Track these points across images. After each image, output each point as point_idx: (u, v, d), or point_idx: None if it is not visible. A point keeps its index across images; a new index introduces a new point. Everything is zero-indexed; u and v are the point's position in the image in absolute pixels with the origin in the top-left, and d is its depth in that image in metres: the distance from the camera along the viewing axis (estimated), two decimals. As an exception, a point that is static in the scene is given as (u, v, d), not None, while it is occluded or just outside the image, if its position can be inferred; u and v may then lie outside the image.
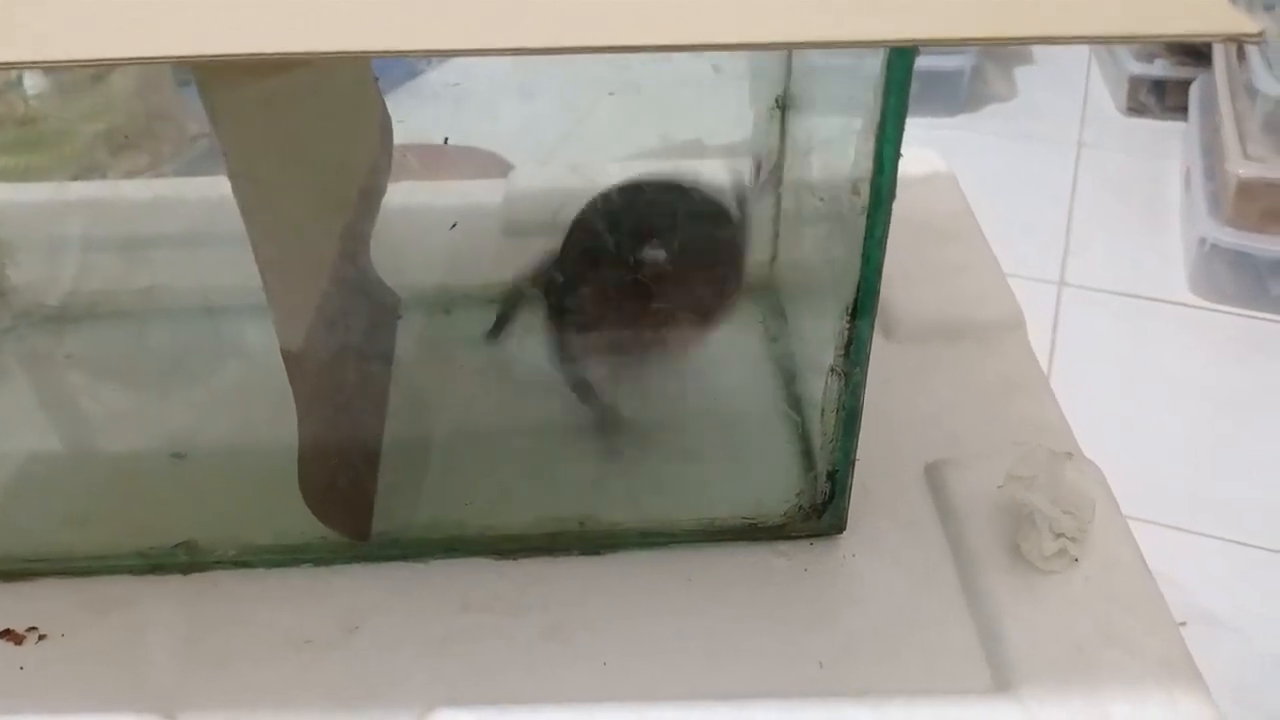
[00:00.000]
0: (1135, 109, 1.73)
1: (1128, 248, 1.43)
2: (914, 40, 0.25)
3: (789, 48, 0.28)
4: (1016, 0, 0.26)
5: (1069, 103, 1.78)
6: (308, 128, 0.35)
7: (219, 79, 0.31)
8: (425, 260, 0.49)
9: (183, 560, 0.39)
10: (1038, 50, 1.92)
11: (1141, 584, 0.37)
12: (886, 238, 0.32)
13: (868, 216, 0.31)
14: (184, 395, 0.46)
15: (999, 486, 0.39)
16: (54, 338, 0.51)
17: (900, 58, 0.28)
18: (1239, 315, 1.30)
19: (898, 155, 0.30)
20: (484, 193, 0.56)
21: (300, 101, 0.34)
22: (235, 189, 0.31)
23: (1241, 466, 1.09)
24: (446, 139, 0.37)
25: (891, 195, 0.31)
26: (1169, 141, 1.63)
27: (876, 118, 0.30)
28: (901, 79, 0.28)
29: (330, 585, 0.39)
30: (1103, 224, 1.48)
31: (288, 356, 0.34)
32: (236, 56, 0.24)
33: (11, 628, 0.37)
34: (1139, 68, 1.70)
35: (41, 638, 0.37)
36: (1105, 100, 1.78)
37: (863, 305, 0.34)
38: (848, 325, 0.34)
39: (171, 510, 0.41)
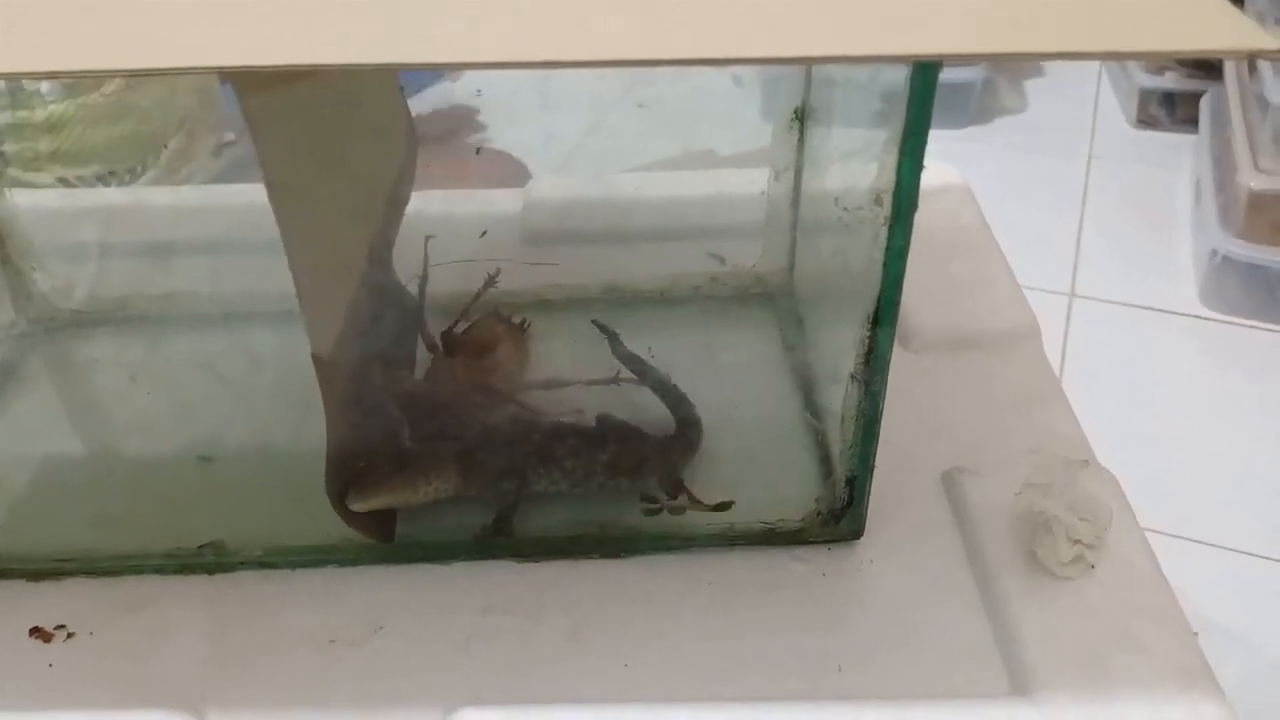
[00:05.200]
0: (1145, 121, 1.73)
1: (1138, 260, 1.43)
2: (937, 55, 0.26)
3: (811, 62, 0.28)
4: (1035, 16, 0.26)
5: (1079, 115, 1.78)
6: (339, 135, 0.36)
7: (253, 88, 0.31)
8: (445, 266, 0.50)
9: (209, 561, 0.40)
10: (1048, 63, 1.91)
11: (1157, 590, 0.38)
12: (908, 249, 0.32)
13: (889, 228, 0.32)
14: (210, 399, 0.47)
15: (1016, 494, 0.40)
16: (81, 341, 0.52)
17: (924, 72, 0.29)
18: (1249, 327, 1.30)
19: (920, 168, 0.31)
20: (503, 201, 0.56)
21: (332, 109, 0.35)
22: (271, 197, 0.32)
23: (1251, 477, 1.09)
24: (479, 149, 0.38)
25: (913, 207, 0.31)
26: (1179, 154, 1.63)
27: (899, 130, 0.30)
28: (924, 93, 0.29)
29: (354, 586, 0.39)
30: (1113, 236, 1.48)
31: (319, 361, 0.35)
32: (268, 67, 0.25)
33: (40, 626, 0.38)
34: (1149, 80, 1.70)
35: (70, 636, 0.38)
36: (1115, 113, 1.79)
37: (883, 315, 0.34)
38: (868, 334, 0.35)
39: (198, 512, 0.42)
